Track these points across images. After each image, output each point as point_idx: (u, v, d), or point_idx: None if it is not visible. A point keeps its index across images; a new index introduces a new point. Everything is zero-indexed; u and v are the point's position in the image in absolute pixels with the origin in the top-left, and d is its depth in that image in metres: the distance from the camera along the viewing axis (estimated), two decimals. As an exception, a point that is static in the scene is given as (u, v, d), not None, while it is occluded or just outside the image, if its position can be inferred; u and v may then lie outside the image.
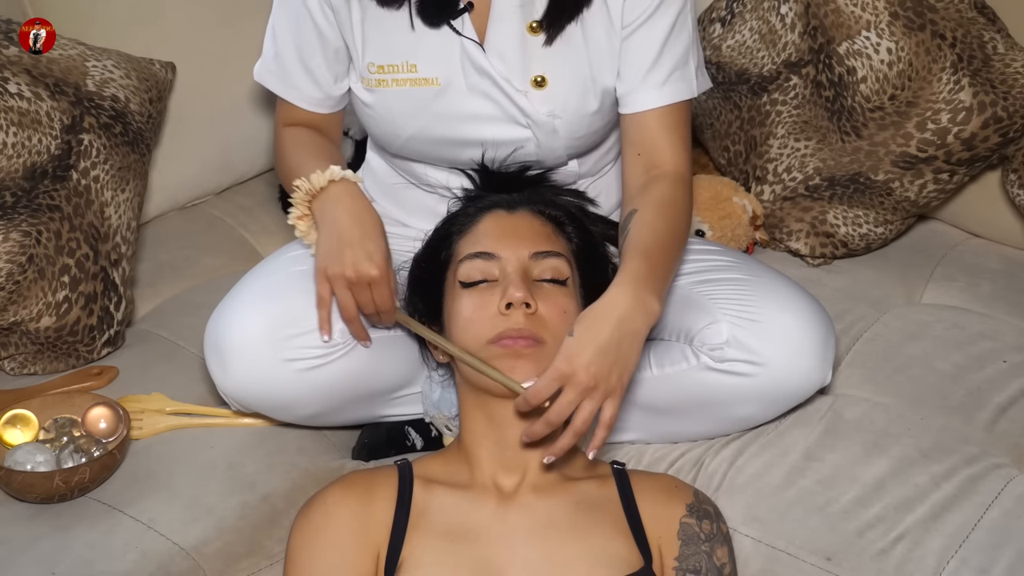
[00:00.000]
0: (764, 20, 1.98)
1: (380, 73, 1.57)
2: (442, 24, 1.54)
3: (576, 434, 1.35)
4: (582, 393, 1.34)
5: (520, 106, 1.56)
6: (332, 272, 1.47)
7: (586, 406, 1.34)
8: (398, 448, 1.66)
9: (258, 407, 1.58)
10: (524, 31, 1.54)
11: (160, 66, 1.94)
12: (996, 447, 1.58)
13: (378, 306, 1.48)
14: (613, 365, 1.35)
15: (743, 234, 1.95)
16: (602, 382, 1.34)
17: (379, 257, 1.47)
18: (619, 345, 1.35)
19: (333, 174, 1.51)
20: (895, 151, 1.89)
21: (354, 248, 1.47)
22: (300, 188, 1.51)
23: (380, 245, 1.48)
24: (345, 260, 1.46)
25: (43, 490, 1.49)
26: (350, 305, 1.48)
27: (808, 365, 1.51)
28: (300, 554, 1.38)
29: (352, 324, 1.51)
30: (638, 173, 1.55)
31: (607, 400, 1.35)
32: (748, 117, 2.00)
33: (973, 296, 1.88)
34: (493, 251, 1.46)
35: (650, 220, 1.48)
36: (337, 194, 1.50)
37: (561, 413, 1.34)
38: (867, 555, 1.44)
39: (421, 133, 1.59)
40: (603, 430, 1.36)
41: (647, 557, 1.38)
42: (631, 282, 1.39)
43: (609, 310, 1.37)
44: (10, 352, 1.73)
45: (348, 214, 1.49)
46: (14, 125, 1.68)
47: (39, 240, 1.68)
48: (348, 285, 1.47)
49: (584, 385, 1.34)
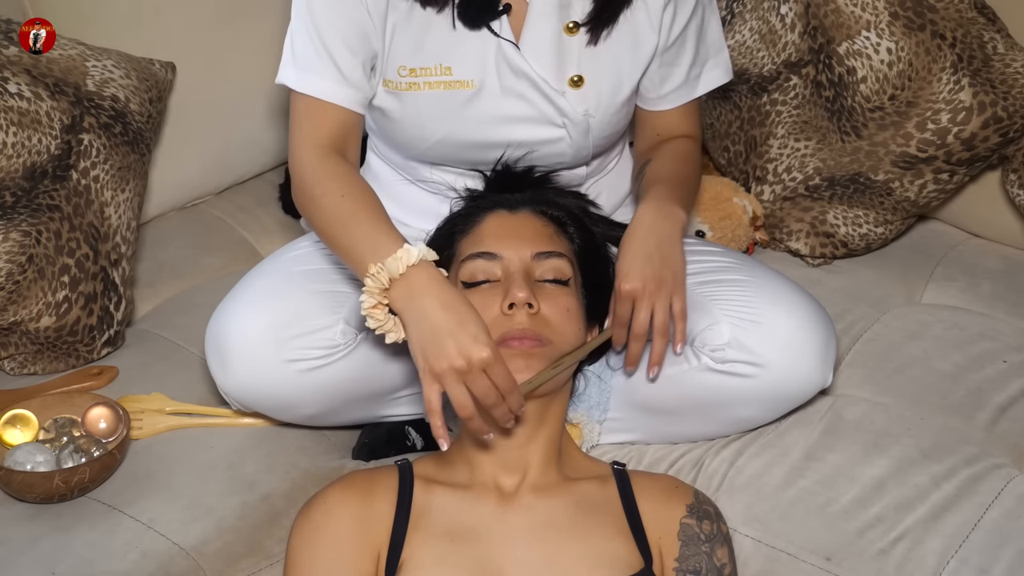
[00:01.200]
0: (764, 20, 1.98)
1: (411, 76, 1.55)
2: (481, 25, 1.53)
3: (663, 334, 1.48)
4: (650, 299, 1.47)
5: (558, 106, 1.56)
6: (440, 368, 1.32)
7: (659, 308, 1.47)
8: (398, 448, 1.66)
9: (259, 407, 1.58)
10: (561, 31, 1.55)
11: (160, 66, 1.94)
12: (996, 447, 1.58)
13: (500, 389, 1.33)
14: (663, 266, 1.48)
15: (743, 234, 1.95)
16: (661, 283, 1.47)
17: (484, 336, 1.32)
18: (659, 249, 1.48)
19: (411, 258, 1.36)
20: (895, 151, 1.89)
21: (456, 336, 1.32)
22: (377, 276, 1.36)
23: (481, 324, 1.33)
24: (450, 351, 1.32)
25: (43, 490, 1.49)
26: (466, 401, 1.32)
27: (809, 367, 1.51)
28: (300, 554, 1.38)
29: (472, 421, 1.34)
30: (653, 143, 1.67)
31: (673, 297, 1.48)
32: (748, 117, 2.00)
33: (973, 296, 1.88)
34: (495, 251, 1.46)
35: (665, 163, 1.62)
36: (421, 284, 1.35)
37: (643, 323, 1.47)
38: (867, 555, 1.44)
39: (451, 136, 1.58)
40: (680, 321, 1.48)
41: (647, 558, 1.38)
42: (652, 200, 1.53)
43: (637, 227, 1.50)
44: (10, 352, 1.72)
45: (439, 304, 1.34)
46: (14, 125, 1.68)
47: (39, 240, 1.68)
48: (460, 378, 1.32)
49: (648, 291, 1.46)
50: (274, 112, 2.12)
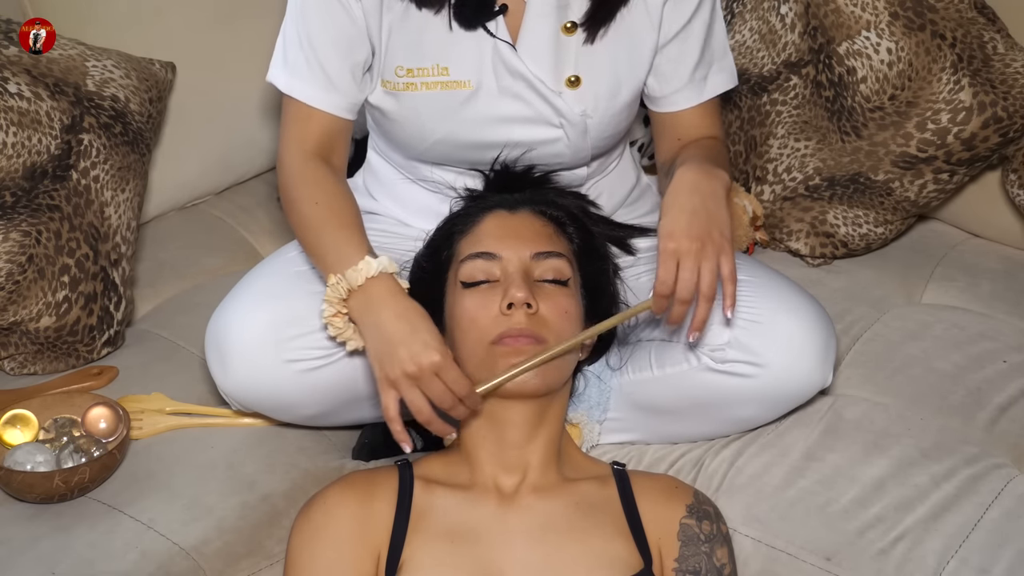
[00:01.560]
0: (764, 20, 1.98)
1: (409, 76, 1.55)
2: (477, 26, 1.53)
3: (708, 298, 1.39)
4: (695, 258, 1.38)
5: (555, 106, 1.56)
6: (394, 375, 1.38)
7: (705, 268, 1.38)
8: (398, 448, 1.66)
9: (259, 407, 1.58)
10: (558, 31, 1.55)
11: (160, 66, 1.94)
12: (996, 447, 1.58)
13: (454, 391, 1.38)
14: (709, 223, 1.40)
15: (743, 234, 1.95)
16: (707, 241, 1.39)
17: (435, 342, 1.37)
18: (704, 205, 1.41)
19: (369, 270, 1.41)
20: (895, 151, 1.89)
21: (407, 344, 1.37)
22: (337, 287, 1.42)
23: (432, 331, 1.39)
24: (403, 358, 1.37)
25: (43, 490, 1.49)
26: (422, 406, 1.38)
27: (809, 367, 1.51)
28: (300, 554, 1.38)
29: (432, 424, 1.40)
30: (677, 149, 1.62)
31: (721, 257, 1.40)
32: (748, 117, 2.00)
33: (973, 296, 1.88)
34: (494, 251, 1.46)
35: (693, 149, 1.57)
36: (379, 295, 1.41)
37: (688, 286, 1.38)
38: (867, 555, 1.44)
39: (449, 137, 1.58)
40: (730, 284, 1.41)
41: (647, 558, 1.38)
42: (691, 163, 1.46)
43: (680, 185, 1.43)
44: (10, 352, 1.72)
45: (392, 314, 1.39)
46: (14, 125, 1.68)
47: (39, 240, 1.68)
48: (414, 383, 1.38)
49: (694, 250, 1.38)
50: (274, 112, 2.12)
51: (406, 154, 1.65)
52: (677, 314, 1.40)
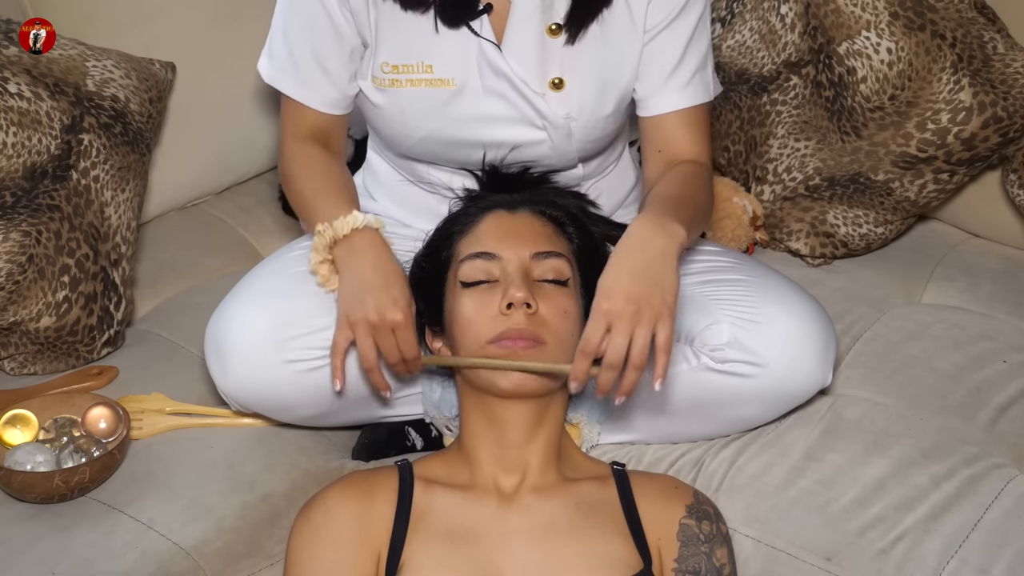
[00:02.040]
0: (764, 20, 1.98)
1: (394, 73, 1.57)
2: (461, 25, 1.54)
3: (637, 368, 1.33)
4: (629, 323, 1.32)
5: (537, 108, 1.56)
6: (355, 318, 1.44)
7: (638, 335, 1.32)
8: (398, 448, 1.66)
9: (258, 408, 1.58)
10: (543, 33, 1.55)
11: (160, 66, 1.94)
12: (996, 447, 1.58)
13: (403, 352, 1.45)
14: (652, 288, 1.34)
15: (743, 234, 1.95)
16: (645, 306, 1.33)
17: (403, 303, 1.45)
18: (649, 266, 1.35)
19: (356, 221, 1.48)
20: (895, 151, 1.89)
21: (377, 294, 1.44)
22: (323, 234, 1.49)
23: (404, 292, 1.47)
24: (368, 305, 1.44)
25: (43, 490, 1.49)
26: (370, 352, 1.45)
27: (809, 366, 1.51)
28: (300, 554, 1.38)
29: (372, 373, 1.47)
30: (660, 168, 1.58)
31: (658, 324, 1.33)
32: (748, 117, 2.00)
33: (973, 296, 1.88)
34: (494, 251, 1.46)
35: (668, 183, 1.52)
36: (361, 245, 1.48)
37: (618, 351, 1.32)
38: (867, 555, 1.44)
39: (434, 134, 1.59)
40: (662, 355, 1.33)
41: (647, 558, 1.38)
42: (648, 215, 1.41)
43: (630, 240, 1.38)
44: (10, 352, 1.73)
45: (371, 264, 1.47)
46: (14, 125, 1.68)
47: (39, 240, 1.68)
48: (371, 331, 1.44)
49: (628, 314, 1.32)
50: (274, 112, 2.11)
51: (396, 151, 1.66)
52: (604, 380, 1.35)
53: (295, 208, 1.63)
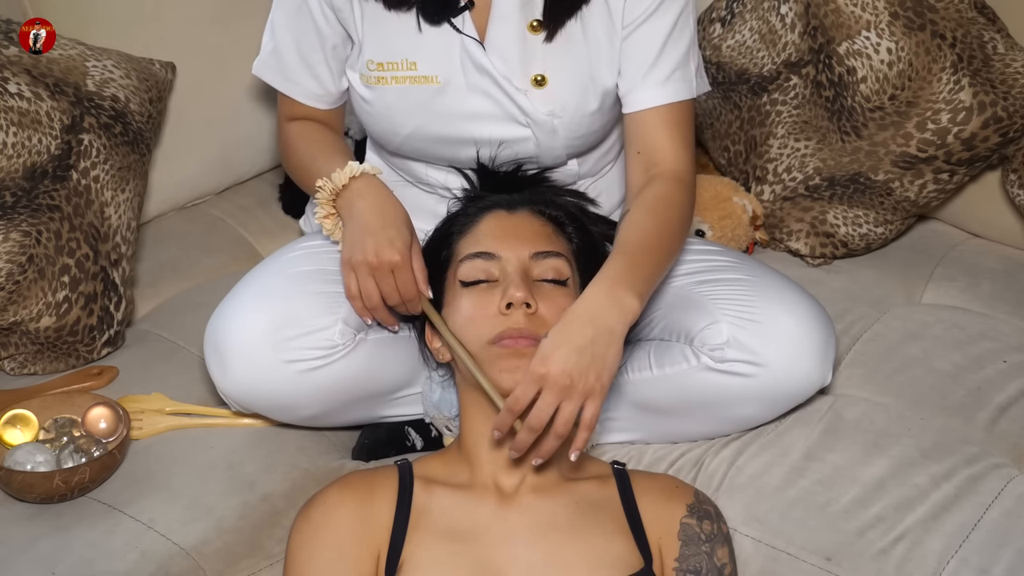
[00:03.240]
0: (764, 20, 1.98)
1: (379, 71, 1.58)
2: (443, 22, 1.55)
3: (558, 436, 1.33)
4: (559, 394, 1.32)
5: (520, 105, 1.56)
6: (355, 260, 1.49)
7: (565, 407, 1.33)
8: (398, 448, 1.66)
9: (258, 408, 1.58)
10: (525, 30, 1.55)
11: (160, 66, 1.94)
12: (996, 447, 1.58)
13: (401, 293, 1.49)
14: (590, 364, 1.33)
15: (743, 234, 1.95)
16: (579, 381, 1.32)
17: (400, 243, 1.48)
18: (593, 344, 1.34)
19: (353, 170, 1.52)
20: (895, 151, 1.89)
21: (376, 235, 1.48)
22: (323, 188, 1.53)
23: (402, 232, 1.49)
24: (367, 247, 1.48)
25: (43, 490, 1.49)
26: (373, 292, 1.49)
27: (808, 366, 1.51)
28: (300, 554, 1.38)
29: (377, 311, 1.52)
30: (639, 173, 1.55)
31: (588, 401, 1.33)
32: (748, 117, 2.00)
33: (973, 296, 1.88)
34: (493, 251, 1.46)
35: (638, 220, 1.48)
36: (359, 189, 1.52)
37: (541, 417, 1.32)
38: (867, 555, 1.44)
39: (420, 131, 1.60)
40: (584, 431, 1.34)
41: (647, 558, 1.38)
42: (606, 281, 1.38)
43: (581, 309, 1.36)
44: (10, 352, 1.73)
45: (370, 206, 1.51)
46: (14, 125, 1.68)
47: (39, 240, 1.68)
48: (371, 272, 1.48)
49: (560, 385, 1.32)
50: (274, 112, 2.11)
51: (386, 148, 1.68)
52: (521, 441, 1.34)
53: (298, 183, 1.68)
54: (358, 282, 1.50)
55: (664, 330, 1.57)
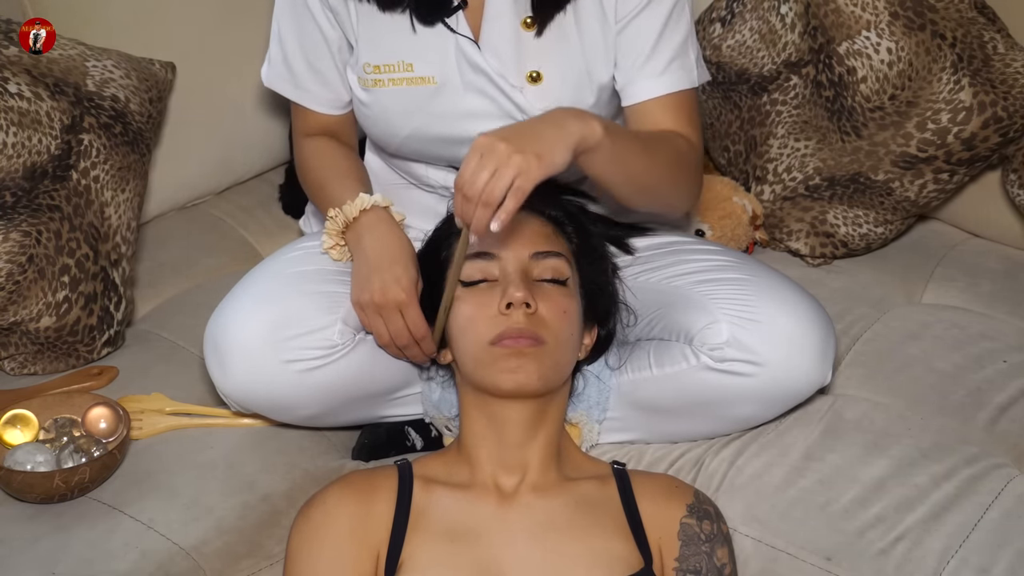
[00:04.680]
0: (764, 20, 1.98)
1: (376, 73, 1.58)
2: (436, 22, 1.55)
3: (485, 204, 1.32)
4: (496, 161, 1.31)
5: (516, 102, 1.56)
6: (362, 300, 1.49)
7: (500, 175, 1.32)
8: (398, 448, 1.66)
9: (257, 408, 1.58)
10: (518, 27, 1.55)
11: (160, 66, 1.94)
12: (996, 447, 1.58)
13: (412, 331, 1.48)
14: (530, 141, 1.33)
15: (743, 234, 1.95)
16: (515, 154, 1.32)
17: (407, 281, 1.48)
18: (538, 126, 1.37)
19: (364, 203, 1.53)
20: (895, 151, 1.89)
21: (382, 273, 1.48)
22: (335, 219, 1.54)
23: (408, 269, 1.49)
24: (373, 286, 1.48)
25: (43, 490, 1.49)
26: (382, 332, 1.50)
27: (808, 365, 1.51)
28: (300, 554, 1.38)
29: (389, 348, 1.52)
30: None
31: (521, 172, 1.32)
32: (748, 117, 2.00)
33: (973, 296, 1.88)
34: (493, 251, 1.46)
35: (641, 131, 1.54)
36: (368, 223, 1.53)
37: (471, 181, 1.32)
38: (867, 555, 1.44)
39: (418, 132, 1.60)
40: (511, 199, 1.32)
41: (647, 558, 1.38)
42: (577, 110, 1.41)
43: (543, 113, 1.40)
44: (10, 352, 1.73)
45: (377, 242, 1.51)
46: (14, 125, 1.68)
47: (39, 240, 1.68)
48: (377, 311, 1.48)
49: (497, 153, 1.32)
50: (274, 112, 2.12)
51: (385, 150, 1.68)
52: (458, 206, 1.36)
53: (313, 201, 1.69)
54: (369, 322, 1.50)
55: (664, 330, 1.57)
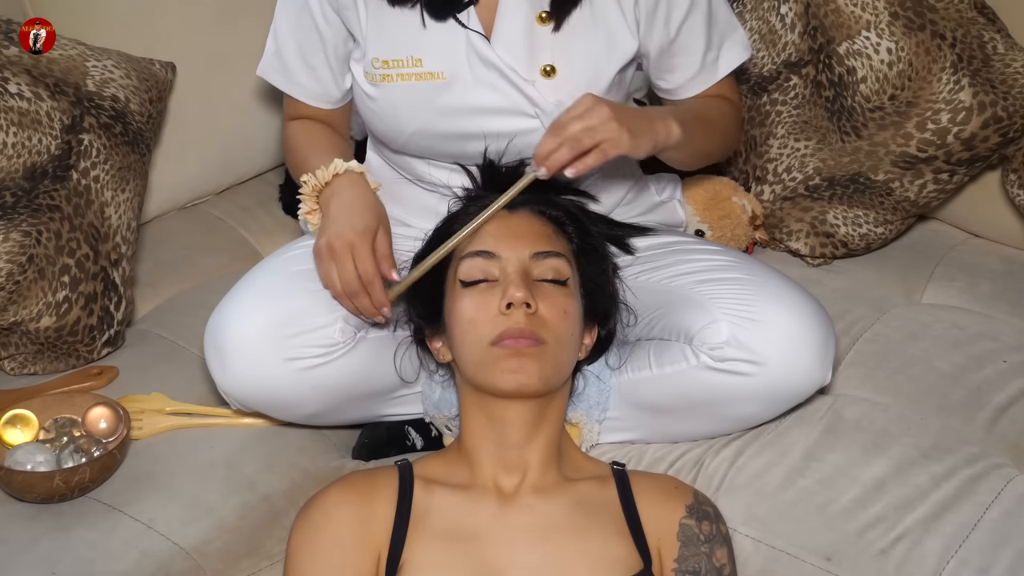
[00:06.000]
0: (764, 20, 1.98)
1: (384, 68, 1.58)
2: (448, 17, 1.55)
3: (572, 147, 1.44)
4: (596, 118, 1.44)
5: (529, 96, 1.56)
6: (316, 246, 1.50)
7: (596, 129, 1.43)
8: (398, 448, 1.66)
9: (258, 406, 1.58)
10: (533, 21, 1.56)
11: (160, 66, 1.94)
12: (996, 447, 1.58)
13: (360, 273, 1.47)
14: (627, 120, 1.46)
15: (743, 234, 1.95)
16: (614, 121, 1.44)
17: (361, 226, 1.49)
18: (634, 114, 1.49)
19: (337, 167, 1.54)
20: (895, 151, 1.89)
21: (339, 222, 1.50)
22: (307, 183, 1.55)
23: (365, 217, 1.50)
24: (329, 232, 1.49)
25: (43, 490, 1.49)
26: (333, 280, 1.49)
27: (808, 365, 1.51)
28: (300, 554, 1.38)
29: (341, 300, 1.51)
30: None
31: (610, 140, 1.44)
32: (748, 117, 2.00)
33: (973, 296, 1.88)
34: (494, 251, 1.46)
35: (693, 101, 1.69)
36: (340, 185, 1.54)
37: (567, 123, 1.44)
38: (867, 555, 1.44)
39: (426, 128, 1.60)
40: (593, 156, 1.45)
41: (647, 558, 1.38)
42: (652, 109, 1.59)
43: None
44: (10, 352, 1.73)
45: (344, 199, 1.52)
46: (14, 125, 1.68)
47: (39, 240, 1.68)
48: (331, 255, 1.49)
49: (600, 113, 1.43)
50: (275, 112, 2.12)
51: (390, 147, 1.68)
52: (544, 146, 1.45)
53: (296, 180, 1.67)
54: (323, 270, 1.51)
55: (664, 329, 1.57)
